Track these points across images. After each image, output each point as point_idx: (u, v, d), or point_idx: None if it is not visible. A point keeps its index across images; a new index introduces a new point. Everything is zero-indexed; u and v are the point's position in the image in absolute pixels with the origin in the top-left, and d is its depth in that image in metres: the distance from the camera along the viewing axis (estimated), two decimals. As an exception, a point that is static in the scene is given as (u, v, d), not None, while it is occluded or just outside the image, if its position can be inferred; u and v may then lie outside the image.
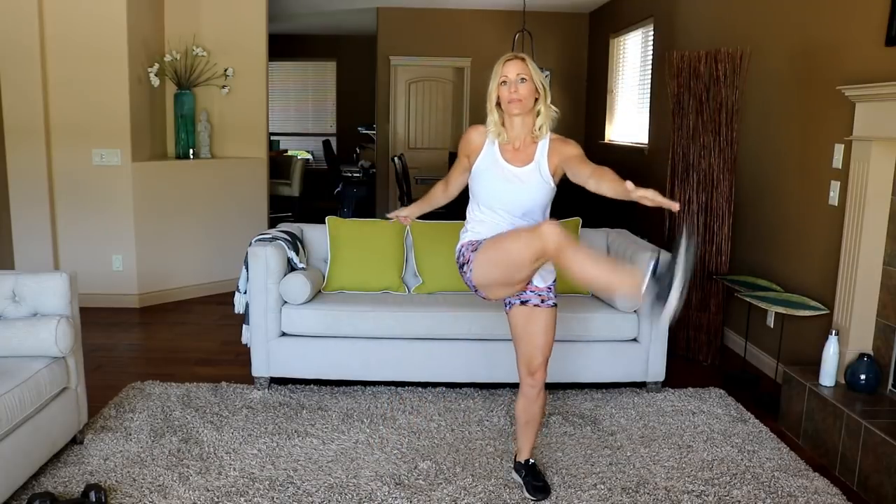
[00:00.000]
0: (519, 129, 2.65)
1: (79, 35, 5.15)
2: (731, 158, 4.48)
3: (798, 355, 3.97)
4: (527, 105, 2.61)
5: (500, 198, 2.67)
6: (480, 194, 2.71)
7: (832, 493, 2.96)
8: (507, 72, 2.60)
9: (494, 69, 2.63)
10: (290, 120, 12.46)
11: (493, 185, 2.67)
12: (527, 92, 2.59)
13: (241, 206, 6.01)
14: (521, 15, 7.88)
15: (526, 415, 2.88)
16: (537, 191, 2.66)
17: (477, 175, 2.70)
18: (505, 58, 2.64)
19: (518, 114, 2.61)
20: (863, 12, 3.50)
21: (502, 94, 2.60)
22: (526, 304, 2.75)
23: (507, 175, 2.65)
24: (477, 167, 2.70)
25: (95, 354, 4.35)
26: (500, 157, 2.67)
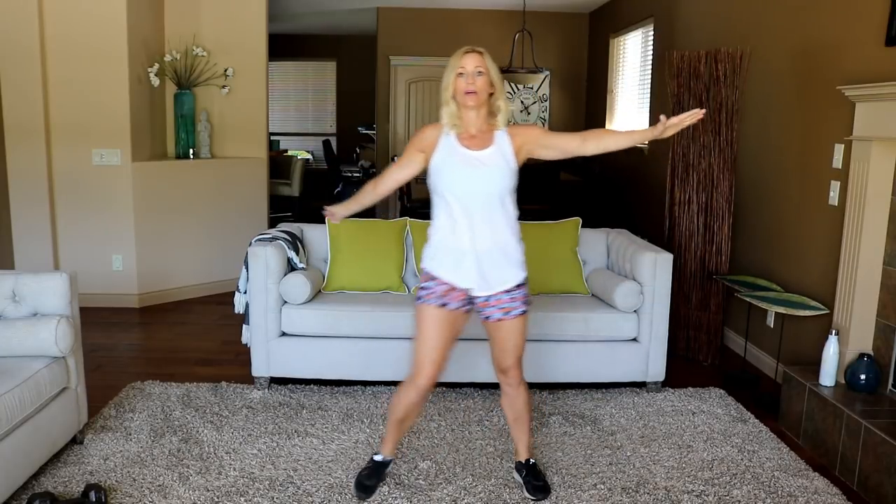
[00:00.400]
0: (474, 120, 2.63)
1: (79, 35, 5.15)
2: (731, 158, 4.48)
3: (798, 355, 3.97)
4: (481, 98, 2.59)
5: (463, 184, 2.60)
6: (441, 188, 2.63)
7: (832, 493, 2.96)
8: (464, 63, 2.58)
9: (451, 61, 2.61)
10: (290, 120, 12.46)
11: (453, 173, 2.61)
12: (483, 85, 2.58)
13: (241, 206, 6.01)
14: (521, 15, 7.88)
15: (511, 412, 2.89)
16: (500, 173, 2.60)
17: (436, 169, 2.64)
18: (463, 50, 2.61)
19: (473, 106, 2.59)
20: (863, 12, 3.50)
21: (458, 86, 2.58)
22: (489, 319, 2.72)
23: (467, 159, 2.60)
24: (435, 162, 2.64)
25: (95, 354, 4.35)
26: (457, 145, 2.62)
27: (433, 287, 2.66)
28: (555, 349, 3.87)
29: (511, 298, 2.68)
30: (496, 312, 2.68)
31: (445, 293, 2.65)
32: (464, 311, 2.71)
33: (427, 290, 2.68)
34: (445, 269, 2.65)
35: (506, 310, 2.68)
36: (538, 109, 9.29)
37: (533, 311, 3.84)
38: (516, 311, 2.69)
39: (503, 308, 2.68)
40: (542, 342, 3.87)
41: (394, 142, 9.34)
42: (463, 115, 2.62)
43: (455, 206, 2.62)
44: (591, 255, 4.33)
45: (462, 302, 2.68)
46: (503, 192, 2.62)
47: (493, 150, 2.62)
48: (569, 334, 3.86)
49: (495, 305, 2.68)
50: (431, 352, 2.70)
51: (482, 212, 2.61)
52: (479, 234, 2.61)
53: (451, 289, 2.65)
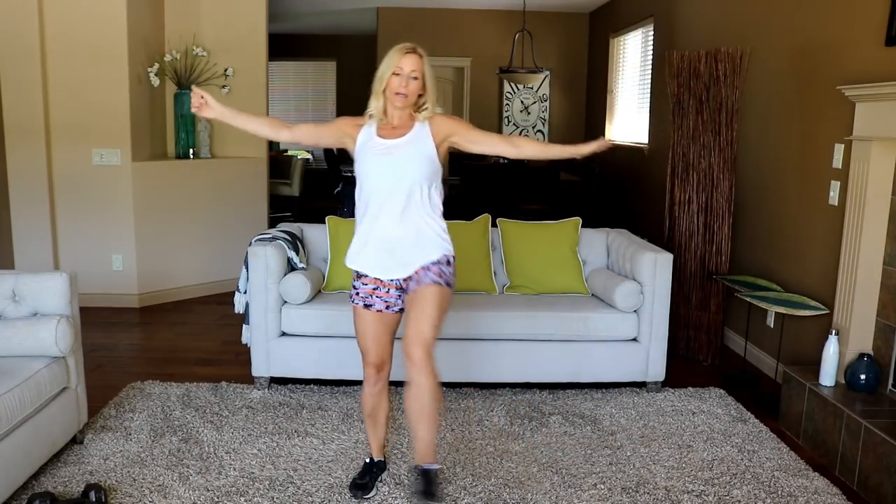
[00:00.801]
0: (398, 116, 2.66)
1: (79, 35, 5.15)
2: (731, 158, 4.48)
3: (798, 355, 3.97)
4: (410, 101, 2.62)
5: (375, 171, 2.62)
6: (360, 175, 2.66)
7: (832, 493, 2.96)
8: (402, 64, 2.58)
9: (389, 55, 2.61)
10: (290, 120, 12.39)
11: (368, 160, 2.63)
12: (415, 89, 2.60)
13: (241, 206, 6.01)
14: (521, 15, 7.89)
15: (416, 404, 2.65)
16: (412, 160, 2.61)
17: (357, 157, 2.67)
18: (403, 48, 2.60)
19: (399, 107, 2.62)
20: (863, 12, 3.50)
21: (391, 85, 2.59)
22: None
23: (381, 147, 2.62)
24: (357, 149, 2.67)
25: (95, 354, 4.35)
26: (374, 136, 2.65)
27: (359, 287, 2.72)
28: (555, 349, 3.87)
29: (424, 269, 2.63)
30: (412, 284, 2.66)
31: (371, 293, 2.70)
32: (391, 312, 2.73)
33: (354, 289, 2.74)
34: (364, 262, 2.68)
35: (418, 279, 2.64)
36: (538, 109, 9.29)
37: (533, 310, 3.87)
38: (427, 278, 2.62)
39: (417, 280, 2.64)
40: (542, 342, 3.87)
41: (394, 142, 9.33)
42: (388, 110, 2.65)
43: (371, 193, 2.64)
44: (591, 255, 4.33)
45: (386, 302, 2.70)
46: (418, 179, 2.61)
47: (409, 138, 2.63)
48: (569, 334, 3.86)
49: (413, 279, 2.66)
50: (367, 345, 2.76)
51: (396, 199, 2.60)
52: (393, 219, 2.61)
53: (376, 288, 2.69)
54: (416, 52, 2.60)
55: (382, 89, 2.62)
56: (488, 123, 9.04)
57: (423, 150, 2.63)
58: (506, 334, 3.86)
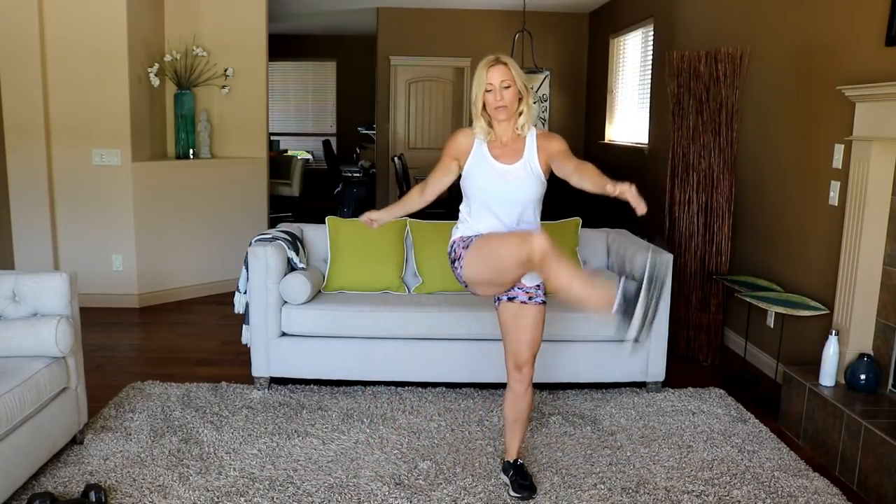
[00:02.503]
0: (506, 129, 2.71)
1: (79, 35, 5.15)
2: (731, 158, 4.48)
3: (798, 355, 3.97)
4: (512, 110, 2.67)
5: (493, 195, 2.70)
6: (473, 193, 2.74)
7: (832, 493, 2.96)
8: (491, 79, 2.63)
9: (478, 74, 2.65)
10: (290, 120, 12.46)
11: (484, 184, 2.70)
12: (511, 97, 2.64)
13: (241, 206, 6.01)
14: (521, 15, 7.88)
15: (514, 412, 2.89)
16: (528, 186, 2.69)
17: (468, 175, 2.73)
18: (487, 63, 2.64)
19: (505, 119, 2.67)
20: (863, 12, 3.50)
21: (488, 101, 2.65)
22: (513, 300, 2.77)
23: (498, 172, 2.68)
24: (468, 168, 2.73)
25: (95, 354, 4.35)
26: (489, 156, 2.70)
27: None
28: (555, 349, 3.87)
29: (536, 288, 2.77)
30: (521, 295, 2.76)
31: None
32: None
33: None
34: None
35: (530, 295, 2.76)
36: (538, 109, 9.28)
37: (533, 311, 3.86)
38: (538, 298, 2.77)
39: (528, 293, 2.76)
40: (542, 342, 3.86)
41: (394, 142, 9.34)
42: (495, 127, 2.70)
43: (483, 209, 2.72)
44: (591, 255, 4.33)
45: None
46: (529, 202, 2.72)
47: (522, 164, 2.69)
48: (569, 334, 3.85)
49: (522, 289, 2.76)
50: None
51: (507, 217, 2.69)
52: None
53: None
54: (500, 61, 2.65)
55: (481, 110, 2.67)
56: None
57: (535, 174, 2.69)
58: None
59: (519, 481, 2.88)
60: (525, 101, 2.69)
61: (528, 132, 2.72)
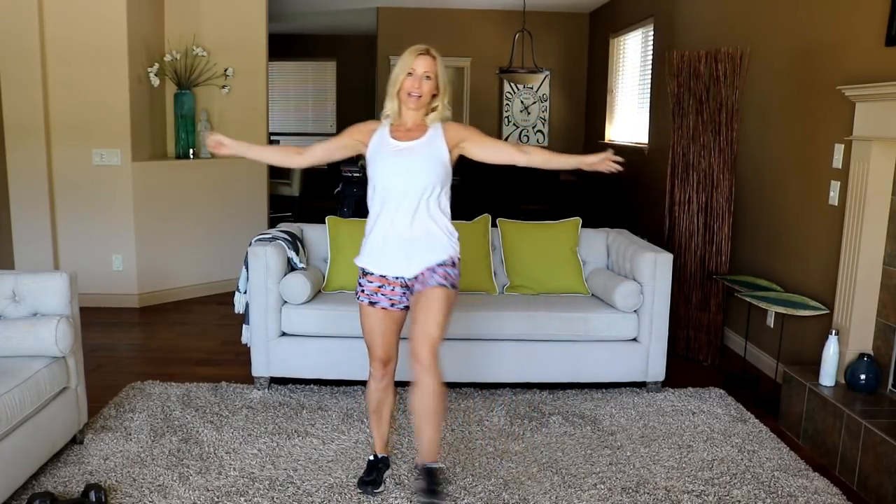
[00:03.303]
0: (412, 117, 2.69)
1: (79, 35, 5.14)
2: (731, 158, 4.48)
3: (798, 355, 3.97)
4: (424, 101, 2.65)
5: (390, 173, 2.64)
6: (374, 176, 2.68)
7: (832, 493, 2.96)
8: (415, 65, 2.62)
9: (404, 58, 2.64)
10: (290, 120, 12.45)
11: (382, 162, 2.66)
12: (428, 89, 2.64)
13: (241, 206, 6.01)
14: (521, 15, 7.89)
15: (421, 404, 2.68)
16: (426, 163, 2.63)
17: (370, 159, 2.70)
18: (416, 50, 2.63)
19: (413, 108, 2.66)
20: (863, 12, 3.50)
21: (405, 85, 2.63)
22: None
23: (396, 149, 2.65)
24: (370, 152, 2.70)
25: (95, 354, 4.35)
26: (388, 137, 2.68)
27: (364, 284, 2.74)
28: (555, 349, 3.87)
29: (430, 271, 2.65)
30: (417, 285, 2.68)
31: (376, 290, 2.71)
32: (396, 310, 2.74)
33: (360, 286, 2.75)
34: (373, 260, 2.70)
35: (423, 281, 2.66)
36: (538, 109, 9.29)
37: (533, 310, 3.86)
38: (433, 281, 2.64)
39: (423, 281, 2.66)
40: (542, 342, 3.87)
41: (394, 142, 9.33)
42: (402, 112, 2.69)
43: (384, 193, 2.66)
44: (591, 255, 4.33)
45: (391, 300, 2.71)
46: (431, 182, 2.63)
47: (422, 141, 2.66)
48: (569, 334, 3.85)
49: (419, 280, 2.68)
50: (373, 340, 2.78)
51: (409, 200, 2.62)
52: (405, 220, 2.63)
53: (381, 286, 2.70)
54: (430, 53, 2.64)
55: (397, 91, 2.65)
56: (488, 123, 9.03)
57: (436, 153, 2.65)
58: (506, 334, 3.85)
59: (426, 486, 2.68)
60: (440, 98, 2.68)
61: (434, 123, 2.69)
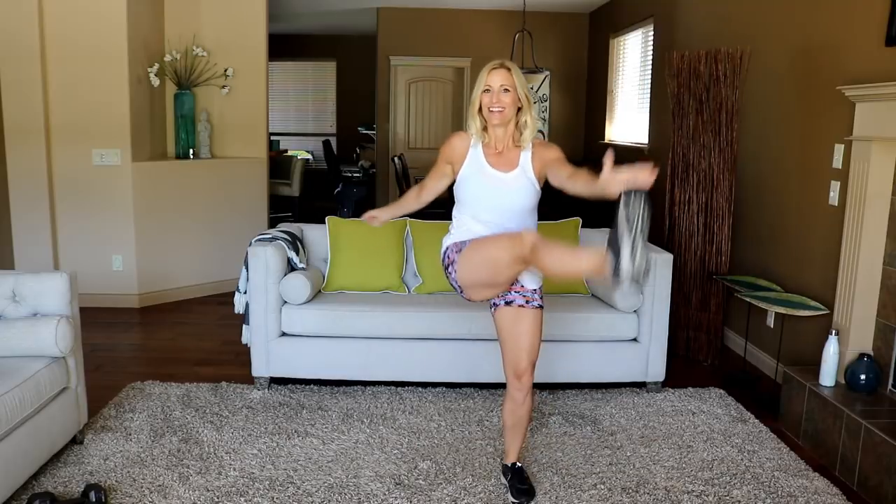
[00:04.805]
0: (501, 136, 2.67)
1: (79, 35, 5.14)
2: (731, 158, 4.48)
3: (798, 355, 3.97)
4: (508, 115, 2.61)
5: (487, 203, 2.66)
6: (467, 200, 2.70)
7: (832, 493, 2.96)
8: (490, 81, 2.60)
9: (480, 75, 2.63)
10: (290, 120, 12.46)
11: (479, 192, 2.67)
12: (509, 102, 2.60)
13: (241, 206, 6.01)
14: (521, 15, 7.89)
15: (513, 418, 2.85)
16: (523, 194, 2.66)
17: (463, 182, 2.69)
18: (491, 66, 2.63)
19: (498, 124, 2.62)
20: (863, 12, 3.50)
21: (484, 101, 2.61)
22: (510, 304, 2.73)
23: (493, 181, 2.65)
24: (462, 174, 2.69)
25: (95, 354, 4.35)
26: (485, 163, 2.66)
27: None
28: (555, 349, 3.87)
29: (533, 292, 2.73)
30: (519, 298, 2.71)
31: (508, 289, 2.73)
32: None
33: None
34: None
35: (527, 298, 2.71)
36: (538, 109, 9.28)
37: (533, 311, 3.86)
38: (535, 302, 2.72)
39: (525, 297, 2.71)
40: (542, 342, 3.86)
41: (394, 142, 9.34)
42: (489, 130, 2.66)
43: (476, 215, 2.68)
44: (591, 255, 4.33)
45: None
46: (523, 210, 2.69)
47: (518, 173, 2.66)
48: (569, 334, 3.85)
49: (519, 292, 2.71)
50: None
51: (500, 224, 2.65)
52: None
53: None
54: (504, 66, 2.62)
55: (478, 109, 2.63)
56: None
57: (531, 183, 2.66)
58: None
59: (517, 486, 2.86)
60: (526, 111, 2.64)
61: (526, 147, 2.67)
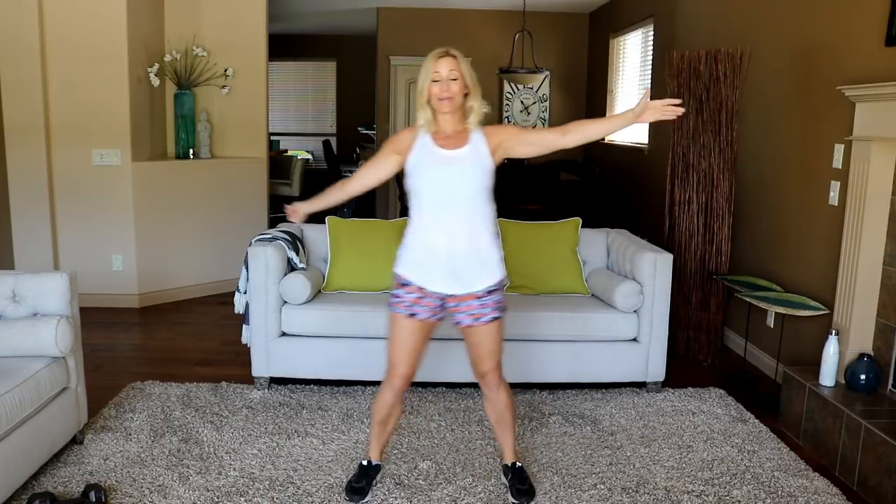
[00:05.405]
0: (450, 121, 2.64)
1: (79, 35, 5.14)
2: (731, 158, 4.48)
3: (798, 355, 3.97)
4: (456, 103, 2.60)
5: (438, 183, 2.60)
6: (418, 187, 2.63)
7: (832, 493, 2.96)
8: (439, 68, 2.57)
9: (425, 64, 2.59)
10: (290, 120, 12.46)
11: (429, 172, 2.61)
12: (458, 89, 2.59)
13: (241, 206, 6.01)
14: (521, 15, 7.89)
15: (494, 414, 2.85)
16: (474, 172, 2.60)
17: (413, 170, 2.64)
18: (436, 54, 2.60)
19: (448, 112, 2.60)
20: (863, 12, 3.50)
21: (433, 91, 2.58)
22: (459, 324, 2.70)
23: (442, 159, 2.60)
24: (411, 163, 2.64)
25: (95, 354, 4.35)
26: (433, 146, 2.62)
27: (403, 296, 2.67)
28: (555, 349, 3.87)
29: (481, 305, 2.64)
30: (466, 318, 2.66)
31: (415, 301, 2.65)
32: (433, 320, 2.71)
33: (398, 298, 2.69)
34: (417, 272, 2.64)
35: (475, 316, 2.65)
36: (538, 109, 9.28)
37: (533, 310, 3.86)
38: (486, 317, 2.66)
39: (472, 315, 2.65)
40: (542, 342, 3.87)
41: (394, 142, 9.33)
42: (438, 119, 2.63)
43: (430, 206, 2.62)
44: (591, 255, 4.33)
45: (431, 311, 2.67)
46: (479, 191, 2.61)
47: (469, 149, 2.61)
48: (569, 334, 3.85)
49: (465, 311, 2.65)
50: (402, 356, 2.72)
51: (457, 211, 2.59)
52: (454, 234, 2.59)
53: (420, 297, 2.65)
54: (450, 53, 2.60)
55: (426, 100, 2.60)
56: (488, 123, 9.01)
57: (483, 161, 2.61)
58: (506, 334, 3.83)
59: (517, 486, 2.86)
60: (473, 97, 2.63)
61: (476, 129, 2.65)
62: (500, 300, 2.69)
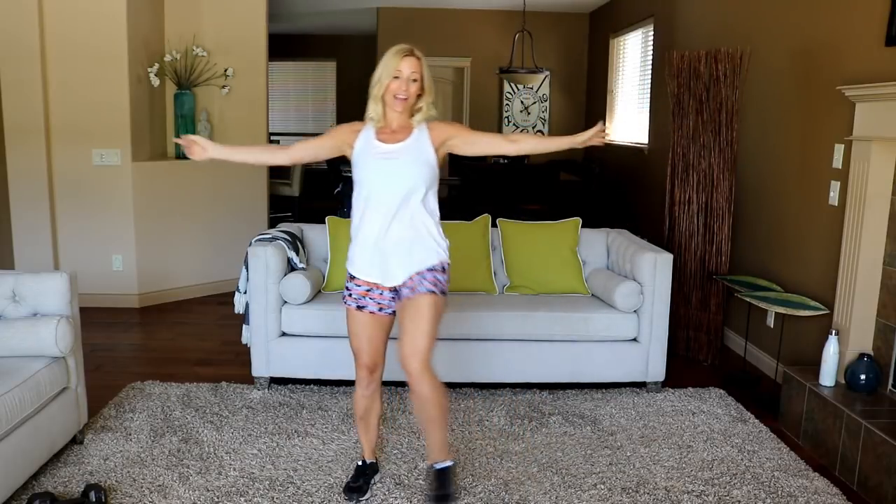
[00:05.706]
0: (397, 119, 2.64)
1: (79, 35, 5.14)
2: (731, 158, 4.48)
3: (798, 355, 3.97)
4: (410, 103, 2.61)
5: (376, 176, 2.59)
6: (361, 179, 2.63)
7: (832, 493, 2.96)
8: (402, 67, 2.56)
9: (388, 59, 2.58)
10: (290, 120, 12.46)
11: (368, 164, 2.61)
12: (415, 92, 2.60)
13: (241, 206, 6.01)
14: (521, 15, 7.89)
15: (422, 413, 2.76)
16: (413, 165, 2.59)
17: (356, 161, 2.64)
18: (402, 51, 2.58)
19: (400, 111, 2.61)
20: (863, 12, 3.50)
21: (391, 88, 2.58)
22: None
23: (381, 152, 2.60)
24: (355, 154, 2.65)
25: (95, 354, 4.35)
26: (374, 139, 2.63)
27: (352, 289, 2.70)
28: (555, 349, 3.87)
29: (420, 276, 2.61)
30: (406, 290, 2.63)
31: (364, 294, 2.67)
32: (385, 315, 2.70)
33: (347, 290, 2.72)
34: (358, 266, 2.67)
35: (412, 287, 2.61)
36: (538, 109, 9.29)
37: (533, 311, 3.86)
38: (422, 287, 2.59)
39: (411, 287, 2.61)
40: (542, 342, 3.87)
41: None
42: (387, 115, 2.64)
43: (367, 198, 2.62)
44: (591, 255, 4.33)
45: (380, 305, 2.68)
46: (417, 184, 2.59)
47: (409, 143, 2.62)
48: (569, 334, 3.86)
49: (407, 285, 2.63)
50: (360, 345, 2.74)
51: (390, 204, 2.58)
52: (385, 225, 2.59)
53: (369, 290, 2.66)
54: (414, 54, 2.59)
55: (382, 94, 2.60)
56: (488, 123, 9.04)
57: (423, 155, 2.61)
58: (506, 334, 3.86)
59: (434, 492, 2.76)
60: (425, 98, 2.63)
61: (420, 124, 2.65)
62: (439, 280, 2.64)
